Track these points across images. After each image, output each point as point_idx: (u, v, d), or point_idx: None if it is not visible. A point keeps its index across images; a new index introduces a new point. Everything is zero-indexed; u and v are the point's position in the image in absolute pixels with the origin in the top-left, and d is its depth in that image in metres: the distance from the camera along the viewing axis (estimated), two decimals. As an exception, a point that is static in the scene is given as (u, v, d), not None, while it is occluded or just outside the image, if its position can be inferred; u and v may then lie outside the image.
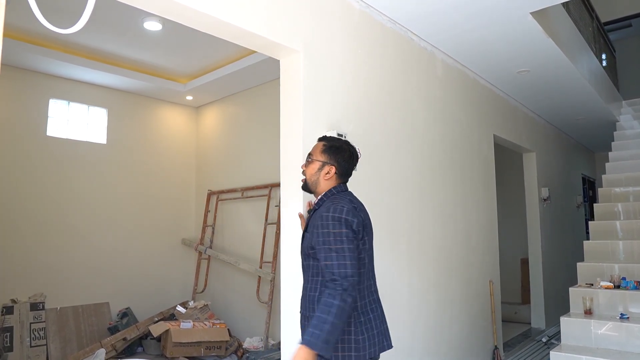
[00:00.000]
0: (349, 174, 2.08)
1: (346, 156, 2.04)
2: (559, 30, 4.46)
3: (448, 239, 4.10)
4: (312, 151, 2.08)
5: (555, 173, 7.17)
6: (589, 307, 4.00)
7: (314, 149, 2.08)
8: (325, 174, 2.01)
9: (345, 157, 2.03)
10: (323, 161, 2.03)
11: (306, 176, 2.07)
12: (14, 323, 4.58)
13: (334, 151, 2.03)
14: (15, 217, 4.87)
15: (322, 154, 2.03)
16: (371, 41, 3.35)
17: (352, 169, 2.08)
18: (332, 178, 2.02)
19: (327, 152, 2.03)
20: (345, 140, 2.12)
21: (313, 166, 2.04)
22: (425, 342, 3.65)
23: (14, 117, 4.93)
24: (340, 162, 2.02)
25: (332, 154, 2.03)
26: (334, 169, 2.01)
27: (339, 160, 2.02)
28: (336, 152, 2.03)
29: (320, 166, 2.03)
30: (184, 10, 2.29)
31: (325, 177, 2.02)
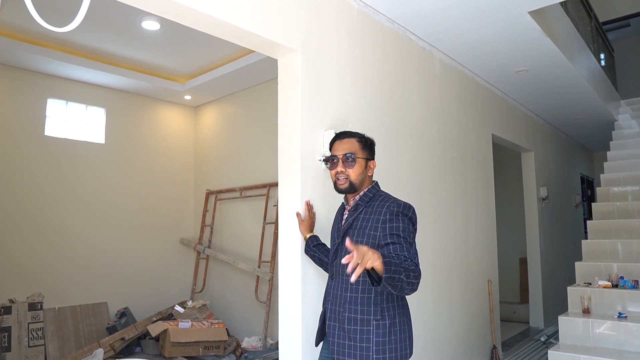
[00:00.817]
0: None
1: (374, 148, 2.07)
2: (557, 30, 4.46)
3: (447, 238, 4.10)
4: (349, 150, 1.97)
5: (553, 172, 7.18)
6: (587, 306, 4.01)
7: (350, 148, 1.97)
8: (370, 170, 2.00)
9: (374, 149, 2.06)
10: (366, 157, 1.99)
11: (351, 177, 1.96)
12: (12, 323, 4.58)
13: (371, 145, 2.03)
14: (13, 217, 4.86)
15: (363, 151, 1.99)
16: (369, 40, 3.35)
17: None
18: (373, 174, 2.03)
19: (366, 148, 2.01)
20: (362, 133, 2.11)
21: (358, 165, 1.96)
22: (424, 342, 3.65)
23: (12, 116, 4.92)
24: (374, 155, 2.04)
25: (371, 147, 2.03)
26: (374, 164, 2.01)
27: (374, 153, 2.03)
28: (372, 146, 2.04)
29: (365, 163, 1.98)
30: (182, 10, 2.28)
31: (369, 173, 2.00)
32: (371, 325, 1.82)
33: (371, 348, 1.79)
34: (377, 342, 1.80)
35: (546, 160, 6.90)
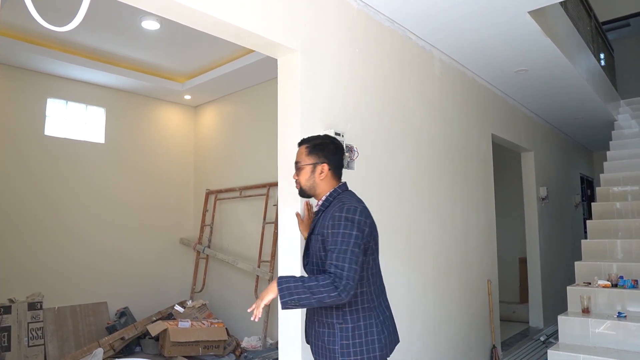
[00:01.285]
0: (342, 165, 2.05)
1: (332, 149, 2.01)
2: (557, 30, 4.47)
3: (446, 238, 4.11)
4: (297, 158, 2.05)
5: (553, 172, 7.18)
6: (587, 306, 4.01)
7: (298, 155, 2.05)
8: (320, 174, 1.98)
9: (332, 149, 2.01)
10: (312, 163, 2.00)
11: (301, 183, 2.03)
12: (12, 323, 4.58)
13: (320, 149, 2.00)
14: (13, 217, 4.86)
15: (308, 157, 2.01)
16: (369, 40, 3.35)
17: (342, 160, 2.05)
18: (327, 176, 1.99)
19: (313, 152, 2.00)
20: (324, 135, 2.10)
21: (305, 171, 2.00)
22: (424, 341, 3.65)
23: (12, 116, 4.92)
24: (329, 156, 1.99)
25: (318, 152, 2.00)
26: (326, 166, 1.98)
27: (328, 155, 1.99)
28: (322, 149, 2.00)
29: (311, 169, 2.00)
30: (182, 9, 2.28)
31: (320, 178, 1.98)
32: (335, 328, 1.87)
33: (337, 350, 1.85)
34: (342, 345, 1.84)
35: (546, 160, 6.90)
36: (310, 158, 2.00)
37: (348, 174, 3.00)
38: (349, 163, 2.98)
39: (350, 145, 2.99)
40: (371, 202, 3.19)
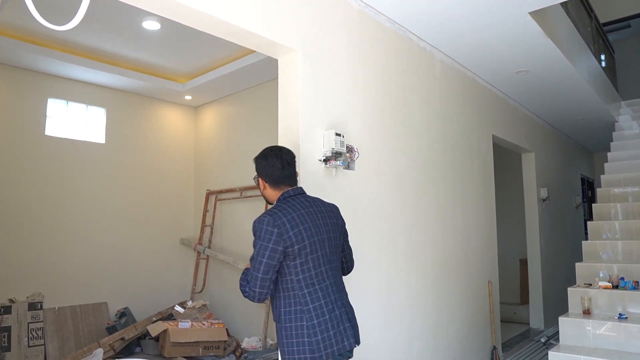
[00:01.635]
0: (282, 176, 2.04)
1: (262, 164, 2.06)
2: (558, 31, 4.46)
3: (447, 239, 4.10)
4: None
5: (554, 173, 7.17)
6: (588, 307, 4.00)
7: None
8: (262, 188, 2.09)
9: (262, 165, 2.06)
10: (256, 177, 2.11)
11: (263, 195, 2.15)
12: (12, 323, 4.58)
13: (257, 164, 2.09)
14: (13, 217, 4.86)
15: (256, 171, 2.11)
16: (370, 41, 3.35)
17: (278, 171, 2.03)
18: (268, 188, 2.07)
19: (256, 168, 2.10)
20: (268, 147, 2.12)
21: (259, 185, 2.11)
22: (424, 342, 3.64)
23: (13, 116, 4.92)
24: (261, 171, 2.06)
25: (257, 167, 2.09)
26: (261, 180, 2.08)
27: (260, 170, 2.07)
28: (258, 164, 2.08)
29: (257, 183, 2.11)
30: (182, 9, 2.28)
31: (263, 190, 2.09)
32: (276, 327, 1.97)
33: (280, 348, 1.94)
34: (281, 343, 1.93)
35: (547, 161, 6.89)
36: (257, 172, 2.11)
37: (348, 175, 2.99)
38: (349, 164, 2.97)
39: (350, 145, 2.99)
40: (371, 203, 3.19)
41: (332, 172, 2.86)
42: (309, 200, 2.04)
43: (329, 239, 2.01)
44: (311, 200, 2.07)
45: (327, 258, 1.98)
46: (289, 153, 2.11)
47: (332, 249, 2.02)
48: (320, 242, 1.96)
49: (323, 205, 2.09)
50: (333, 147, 2.77)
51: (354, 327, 2.01)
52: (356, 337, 2.01)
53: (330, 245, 2.01)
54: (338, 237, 2.09)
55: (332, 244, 2.03)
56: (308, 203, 2.03)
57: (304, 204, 2.00)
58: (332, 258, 2.01)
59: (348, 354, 1.99)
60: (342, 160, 2.81)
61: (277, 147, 2.13)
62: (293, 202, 1.99)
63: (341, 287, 2.06)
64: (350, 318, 2.01)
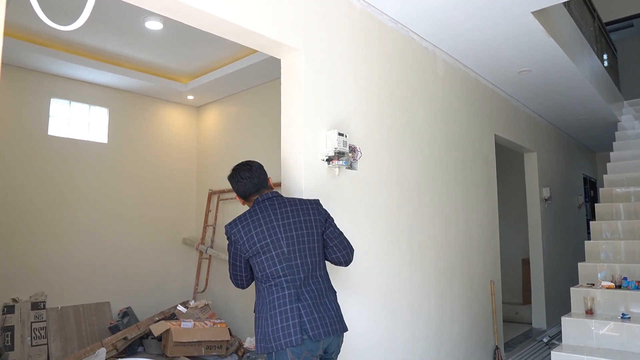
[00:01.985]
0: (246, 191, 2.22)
1: (232, 183, 2.26)
2: (561, 30, 4.46)
3: (449, 238, 4.10)
4: None
5: (556, 173, 7.16)
6: (590, 307, 4.00)
7: None
8: (242, 203, 2.30)
9: (232, 183, 2.26)
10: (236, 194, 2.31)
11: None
12: (15, 322, 4.59)
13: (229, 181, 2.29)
14: (16, 216, 4.87)
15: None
16: (372, 40, 3.35)
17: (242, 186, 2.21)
18: (242, 202, 2.29)
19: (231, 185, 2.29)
20: (235, 166, 2.30)
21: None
22: (426, 342, 3.64)
23: (16, 116, 4.93)
24: (234, 189, 2.26)
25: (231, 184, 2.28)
26: (237, 196, 2.28)
27: (233, 188, 2.27)
28: (230, 184, 2.28)
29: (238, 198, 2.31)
30: (185, 9, 2.29)
31: (241, 203, 2.31)
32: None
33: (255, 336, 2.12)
34: (255, 332, 2.11)
35: (549, 161, 6.88)
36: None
37: (351, 175, 3.00)
38: (352, 163, 2.98)
39: (353, 145, 2.99)
40: (373, 203, 3.19)
41: (334, 171, 2.86)
42: (273, 203, 2.17)
43: (287, 238, 2.09)
44: (279, 202, 2.17)
45: (284, 257, 2.07)
46: (244, 168, 2.25)
47: (293, 247, 2.09)
48: (274, 242, 2.08)
49: (294, 204, 2.18)
50: (336, 147, 2.77)
51: (320, 319, 2.05)
52: (325, 328, 2.04)
53: (290, 244, 2.09)
54: (309, 234, 2.14)
55: (293, 241, 2.10)
56: (272, 206, 2.15)
57: (264, 209, 2.15)
58: (290, 257, 2.08)
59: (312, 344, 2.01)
60: (345, 160, 2.82)
61: (237, 165, 2.29)
62: (256, 207, 2.18)
63: (307, 282, 2.10)
64: (315, 310, 2.05)
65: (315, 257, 2.15)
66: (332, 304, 2.14)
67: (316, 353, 2.03)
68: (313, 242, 2.15)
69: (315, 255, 2.15)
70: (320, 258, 2.18)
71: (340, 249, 2.24)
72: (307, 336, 1.99)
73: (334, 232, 2.24)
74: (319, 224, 2.19)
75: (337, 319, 2.12)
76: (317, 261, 2.16)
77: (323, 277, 2.18)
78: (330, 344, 2.10)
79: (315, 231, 2.16)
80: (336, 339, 2.12)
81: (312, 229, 2.16)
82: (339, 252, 2.24)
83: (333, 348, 2.13)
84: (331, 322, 2.08)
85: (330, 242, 2.22)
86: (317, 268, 2.15)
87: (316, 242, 2.16)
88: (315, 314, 2.04)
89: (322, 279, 2.17)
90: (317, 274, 2.15)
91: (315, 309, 2.06)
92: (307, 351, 2.00)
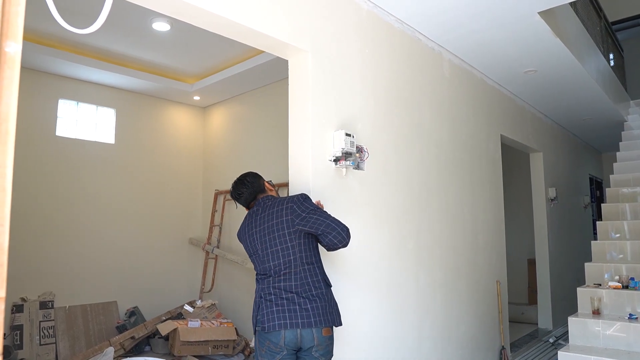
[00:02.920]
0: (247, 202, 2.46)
1: (234, 199, 2.49)
2: (567, 30, 4.45)
3: (455, 238, 4.10)
4: None
5: (562, 173, 7.14)
6: (597, 308, 3.99)
7: None
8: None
9: (235, 199, 2.49)
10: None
11: None
12: (24, 321, 4.63)
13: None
14: (25, 217, 4.91)
15: None
16: (379, 41, 3.36)
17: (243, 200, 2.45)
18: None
19: None
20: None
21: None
22: (433, 342, 3.65)
23: (24, 117, 4.97)
24: (239, 202, 2.49)
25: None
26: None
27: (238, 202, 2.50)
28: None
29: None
30: (192, 10, 2.31)
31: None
32: None
33: None
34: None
35: (555, 161, 6.87)
36: None
37: (358, 175, 3.01)
38: (359, 164, 2.99)
39: (360, 145, 3.00)
40: (380, 203, 3.20)
41: (342, 172, 2.87)
42: (258, 210, 2.38)
43: (262, 242, 2.30)
44: (263, 207, 2.37)
45: (260, 259, 2.31)
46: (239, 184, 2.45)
47: (265, 250, 2.28)
48: (254, 247, 2.34)
49: (272, 207, 2.34)
50: (343, 147, 2.78)
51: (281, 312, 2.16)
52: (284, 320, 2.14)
53: (263, 248, 2.29)
54: (279, 236, 2.26)
55: (265, 245, 2.29)
56: (256, 213, 2.38)
57: (251, 215, 2.40)
58: (264, 259, 2.29)
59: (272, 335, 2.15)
60: (352, 160, 2.83)
61: (234, 183, 2.48)
62: (249, 214, 2.43)
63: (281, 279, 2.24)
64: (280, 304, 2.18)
65: (289, 257, 2.24)
66: (309, 302, 2.19)
67: (278, 345, 2.13)
68: (285, 242, 2.25)
69: (288, 255, 2.25)
70: (295, 256, 2.25)
71: (327, 232, 2.17)
72: (271, 325, 2.14)
73: (317, 220, 2.20)
74: (290, 223, 2.25)
75: (308, 314, 2.16)
76: (292, 259, 2.24)
77: (305, 271, 2.25)
78: (303, 339, 2.14)
79: (286, 232, 2.26)
80: (307, 332, 2.14)
81: (283, 230, 2.26)
82: (329, 236, 2.17)
83: (308, 343, 2.14)
84: (299, 315, 2.15)
85: (317, 231, 2.19)
86: (293, 265, 2.24)
87: (289, 242, 2.25)
88: (279, 307, 2.18)
89: (305, 273, 2.25)
90: (296, 271, 2.24)
91: (278, 303, 2.18)
92: (269, 341, 2.15)
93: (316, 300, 2.19)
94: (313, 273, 2.26)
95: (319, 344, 2.17)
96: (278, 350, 2.14)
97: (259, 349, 2.20)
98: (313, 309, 2.17)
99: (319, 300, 2.20)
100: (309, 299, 2.19)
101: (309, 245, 2.29)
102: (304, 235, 2.26)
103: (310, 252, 2.28)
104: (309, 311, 2.16)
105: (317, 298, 2.20)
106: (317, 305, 2.19)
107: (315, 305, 2.18)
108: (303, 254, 2.25)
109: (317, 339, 2.16)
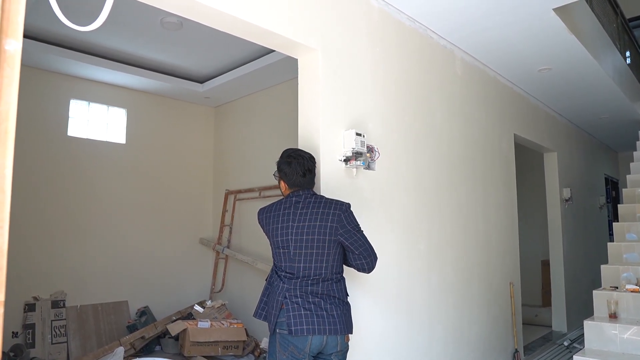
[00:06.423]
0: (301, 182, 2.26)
1: (287, 170, 2.26)
2: (582, 27, 4.36)
3: (468, 239, 4.04)
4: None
5: (577, 173, 7.03)
6: (614, 311, 3.90)
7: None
8: (284, 188, 2.33)
9: (287, 171, 2.26)
10: (278, 179, 2.34)
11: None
12: (36, 320, 4.66)
13: (278, 167, 2.30)
14: (37, 217, 4.94)
15: (278, 173, 2.32)
16: (390, 39, 3.32)
17: (299, 178, 2.25)
18: (286, 188, 2.31)
19: (278, 170, 2.31)
20: (291, 151, 2.31)
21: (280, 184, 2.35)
22: (444, 344, 3.59)
23: (36, 117, 5.00)
24: (285, 176, 2.28)
25: (279, 171, 2.30)
26: (283, 182, 2.31)
27: (283, 174, 2.28)
28: (278, 167, 2.30)
29: (279, 184, 2.35)
30: (203, 9, 2.29)
31: (283, 190, 2.34)
32: None
33: None
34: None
35: (570, 161, 6.75)
36: (278, 173, 2.33)
37: (369, 175, 2.97)
38: (369, 164, 2.95)
39: (371, 145, 2.96)
40: (391, 203, 3.16)
41: (352, 172, 2.84)
42: (299, 203, 2.23)
43: (296, 240, 2.17)
44: (305, 204, 2.22)
45: (289, 257, 2.19)
46: (310, 159, 2.29)
47: (299, 250, 2.17)
48: (284, 242, 2.20)
49: (317, 207, 2.21)
50: (353, 147, 2.74)
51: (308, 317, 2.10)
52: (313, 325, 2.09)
53: (297, 247, 2.17)
54: (319, 240, 2.17)
55: (301, 245, 2.17)
56: (295, 206, 2.22)
57: (289, 207, 2.24)
58: (294, 259, 2.17)
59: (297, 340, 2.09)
60: (363, 160, 2.79)
61: (299, 153, 2.29)
62: (285, 202, 2.26)
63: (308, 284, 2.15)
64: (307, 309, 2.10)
65: (322, 263, 2.17)
66: (335, 308, 2.15)
67: (303, 351, 2.07)
68: (322, 247, 2.17)
69: (322, 262, 2.17)
70: (328, 264, 2.19)
71: (364, 256, 2.22)
72: (285, 330, 2.08)
73: (358, 240, 2.22)
74: (333, 231, 2.18)
75: (334, 320, 2.13)
76: (324, 267, 2.18)
77: (331, 286, 2.19)
78: (328, 345, 2.12)
79: (327, 238, 2.18)
80: (332, 339, 2.13)
81: (325, 235, 2.17)
82: (363, 260, 2.23)
83: (331, 349, 2.14)
84: (326, 321, 2.11)
85: (355, 250, 2.21)
86: (323, 274, 2.18)
87: (326, 249, 2.18)
88: (307, 311, 2.10)
89: (331, 287, 2.19)
90: (323, 279, 2.18)
91: (306, 307, 2.11)
92: (294, 346, 2.07)
93: (340, 307, 2.19)
94: (339, 284, 2.24)
95: (340, 350, 2.18)
96: (301, 356, 2.08)
97: (279, 352, 2.11)
98: (339, 315, 2.16)
99: (342, 307, 2.20)
100: (335, 305, 2.17)
101: (340, 257, 2.26)
102: (339, 246, 2.23)
103: (340, 263, 2.26)
104: (334, 317, 2.14)
105: (341, 305, 2.20)
106: (341, 312, 2.18)
107: (339, 312, 2.17)
108: (335, 264, 2.23)
109: (340, 344, 2.17)
